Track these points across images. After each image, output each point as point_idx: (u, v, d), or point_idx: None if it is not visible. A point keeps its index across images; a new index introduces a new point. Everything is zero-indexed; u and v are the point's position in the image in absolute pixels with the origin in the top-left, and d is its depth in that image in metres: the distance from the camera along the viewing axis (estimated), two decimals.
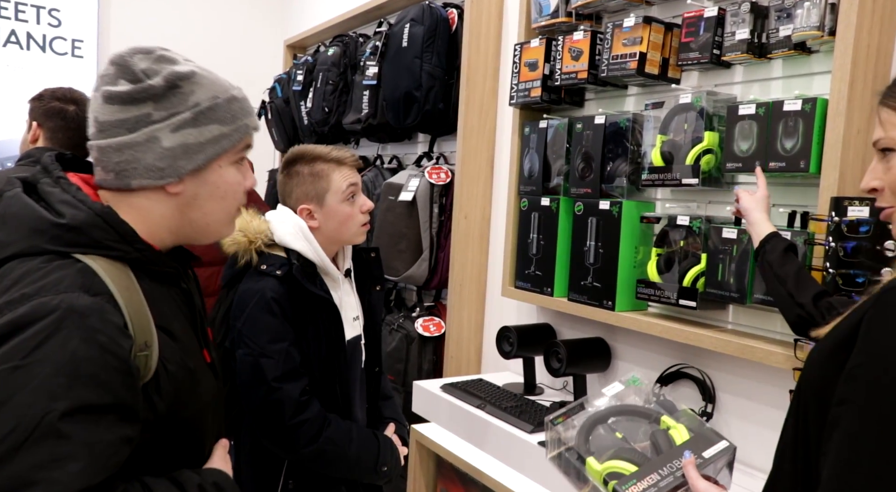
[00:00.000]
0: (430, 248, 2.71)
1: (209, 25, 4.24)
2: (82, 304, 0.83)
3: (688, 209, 1.86)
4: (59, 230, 0.89)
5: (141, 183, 0.96)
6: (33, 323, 0.80)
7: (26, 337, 0.79)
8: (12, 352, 0.79)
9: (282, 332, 1.51)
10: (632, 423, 1.16)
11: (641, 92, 2.04)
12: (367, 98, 2.99)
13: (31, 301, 0.82)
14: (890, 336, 0.76)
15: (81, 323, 0.82)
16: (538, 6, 2.21)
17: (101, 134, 0.96)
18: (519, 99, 2.27)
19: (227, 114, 1.00)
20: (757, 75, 1.73)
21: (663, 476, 1.02)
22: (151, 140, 0.95)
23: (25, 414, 0.76)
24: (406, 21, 2.75)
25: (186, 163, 0.97)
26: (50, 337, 0.80)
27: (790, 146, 1.53)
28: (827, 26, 1.47)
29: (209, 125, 0.98)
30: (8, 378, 0.77)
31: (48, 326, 0.80)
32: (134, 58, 0.96)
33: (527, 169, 2.28)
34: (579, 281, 2.03)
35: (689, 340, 1.72)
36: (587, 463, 1.09)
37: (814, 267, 1.45)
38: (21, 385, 0.77)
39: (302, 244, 1.57)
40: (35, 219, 0.90)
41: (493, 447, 1.95)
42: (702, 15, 1.73)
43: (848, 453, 0.77)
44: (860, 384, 0.77)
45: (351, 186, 1.63)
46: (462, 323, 2.66)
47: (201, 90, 0.97)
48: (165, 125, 0.95)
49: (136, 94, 0.94)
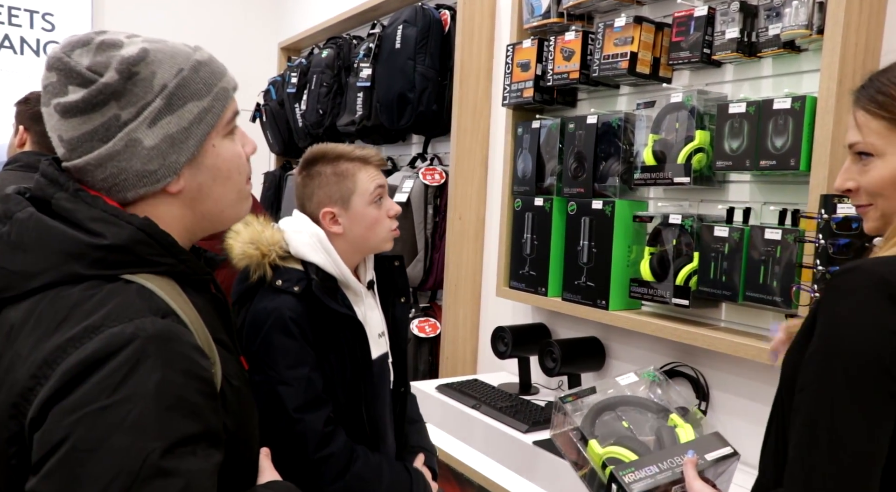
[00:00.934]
0: (424, 249, 2.71)
1: (203, 29, 4.24)
2: (158, 329, 0.75)
3: (680, 208, 1.87)
4: (101, 252, 0.79)
5: (137, 193, 0.86)
6: (111, 357, 0.72)
7: (107, 373, 0.71)
8: (96, 391, 0.70)
9: (302, 356, 1.36)
10: (640, 415, 1.16)
11: (633, 91, 2.05)
12: (360, 100, 2.99)
13: (99, 333, 0.73)
14: (835, 319, 0.80)
15: (162, 350, 0.74)
16: (530, 7, 2.22)
17: (73, 153, 0.84)
18: (511, 99, 2.27)
19: (199, 85, 0.87)
20: (747, 74, 1.74)
21: (662, 470, 1.03)
22: (131, 144, 0.83)
23: (125, 458, 0.69)
24: (399, 23, 2.76)
25: (178, 155, 0.86)
26: (133, 370, 0.72)
27: (780, 144, 1.54)
28: (815, 25, 1.48)
29: (186, 105, 0.86)
30: (97, 420, 0.69)
31: (129, 359, 0.72)
32: (73, 55, 0.83)
33: (520, 169, 2.28)
34: (573, 281, 2.04)
35: (683, 338, 1.72)
36: (589, 445, 1.09)
37: (804, 264, 1.46)
38: (114, 426, 0.69)
39: (321, 256, 1.41)
40: (68, 242, 0.79)
41: (489, 447, 1.95)
42: (692, 14, 1.74)
43: (808, 437, 0.80)
44: (814, 369, 0.81)
45: (378, 188, 1.49)
46: (457, 323, 2.66)
47: (162, 68, 0.85)
48: (140, 122, 0.83)
49: (93, 99, 0.82)
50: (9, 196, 0.85)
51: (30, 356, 0.74)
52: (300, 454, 1.34)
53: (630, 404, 1.18)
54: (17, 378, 0.74)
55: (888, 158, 0.90)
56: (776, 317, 1.63)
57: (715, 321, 1.79)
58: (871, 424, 0.77)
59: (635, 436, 1.11)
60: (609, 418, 1.15)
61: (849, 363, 0.78)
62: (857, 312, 0.78)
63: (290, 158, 3.95)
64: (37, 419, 0.71)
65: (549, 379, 2.22)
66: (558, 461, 1.70)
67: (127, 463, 0.69)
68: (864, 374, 0.77)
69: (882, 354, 0.76)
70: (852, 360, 0.78)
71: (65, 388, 0.71)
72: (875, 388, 0.77)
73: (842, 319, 0.79)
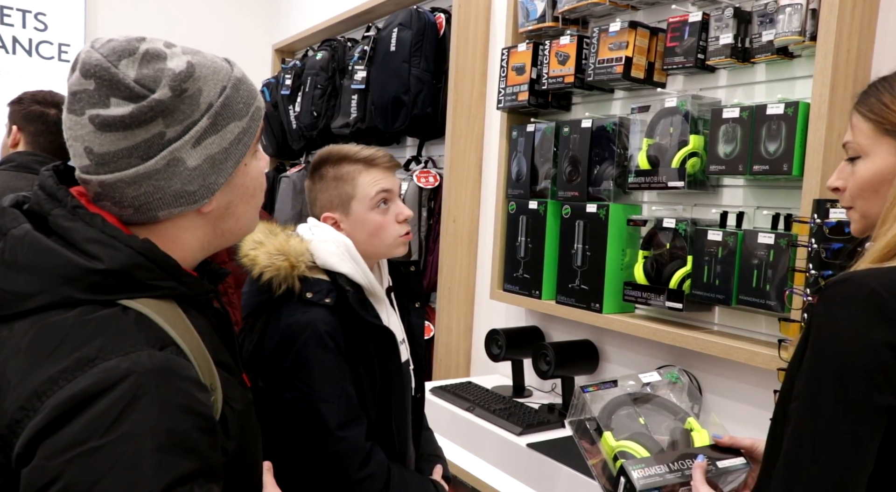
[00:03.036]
0: (419, 251, 2.72)
1: (197, 29, 4.23)
2: (155, 363, 0.71)
3: (674, 212, 1.88)
4: (96, 277, 0.75)
5: (171, 212, 0.82)
6: (104, 393, 0.68)
7: (100, 411, 0.67)
8: (88, 430, 0.66)
9: (339, 371, 1.31)
10: (658, 414, 1.17)
11: (627, 96, 2.06)
12: (355, 102, 2.99)
13: (93, 366, 0.69)
14: (825, 331, 0.80)
15: (159, 386, 0.70)
16: (525, 11, 2.23)
17: (103, 168, 0.79)
18: (506, 103, 2.28)
19: (240, 105, 0.85)
20: (741, 79, 1.75)
21: (671, 470, 1.04)
22: (174, 163, 0.80)
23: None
24: (394, 26, 2.76)
25: (217, 177, 0.83)
26: (128, 408, 0.68)
27: (773, 149, 1.56)
28: (808, 31, 1.50)
29: (228, 125, 0.83)
30: (90, 461, 0.65)
31: (124, 396, 0.68)
32: (120, 65, 0.78)
33: (514, 172, 2.29)
34: (567, 284, 2.04)
35: (676, 341, 1.73)
36: (603, 436, 1.10)
37: (797, 268, 1.47)
38: (107, 468, 0.65)
39: (349, 266, 1.35)
40: (63, 265, 0.75)
41: (483, 450, 1.95)
42: (686, 20, 1.76)
43: (793, 447, 0.81)
44: (804, 379, 0.81)
45: (382, 192, 1.41)
46: (451, 326, 2.66)
47: (208, 86, 0.82)
48: (185, 141, 0.80)
49: (142, 115, 0.77)
50: (4, 210, 0.80)
51: (20, 385, 0.70)
52: (343, 475, 1.29)
53: (649, 402, 1.19)
54: (6, 408, 0.70)
55: (871, 159, 0.92)
56: (769, 320, 1.64)
57: (708, 325, 1.80)
58: (856, 437, 0.77)
59: (650, 434, 1.12)
60: (626, 412, 1.16)
61: (835, 376, 0.78)
62: (846, 324, 0.78)
63: (284, 159, 3.95)
64: (24, 455, 0.67)
65: (543, 382, 2.23)
66: (552, 464, 1.71)
67: None
68: (850, 387, 0.77)
69: (869, 367, 0.76)
70: (839, 372, 0.78)
71: (54, 423, 0.67)
72: (861, 401, 0.77)
73: (831, 331, 0.80)
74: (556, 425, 1.93)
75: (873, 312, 0.77)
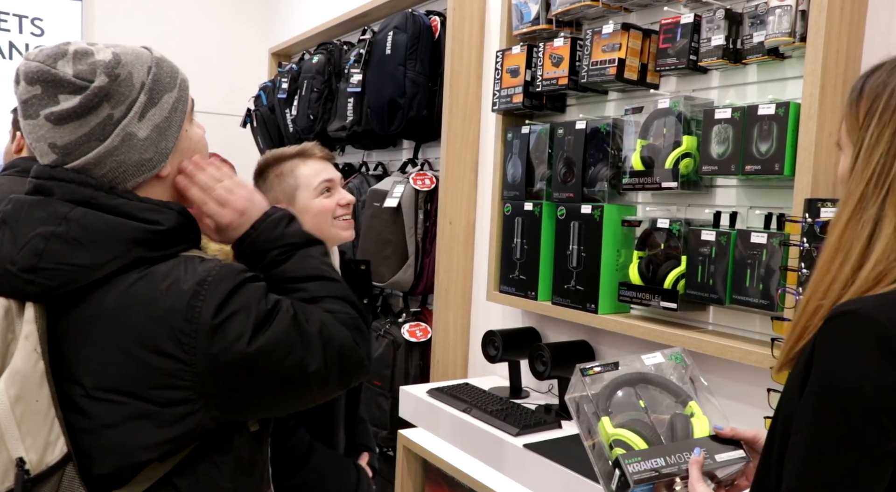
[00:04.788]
0: (415, 253, 2.72)
1: (193, 34, 4.24)
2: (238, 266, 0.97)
3: (668, 212, 1.89)
4: (160, 236, 0.93)
5: (136, 181, 0.96)
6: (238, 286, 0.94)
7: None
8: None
9: None
10: (659, 395, 1.15)
11: (621, 97, 2.08)
12: (351, 105, 3.00)
13: (214, 273, 0.93)
14: (829, 368, 0.76)
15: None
16: (519, 14, 2.24)
17: (69, 157, 0.93)
18: (501, 105, 2.29)
19: (167, 79, 0.98)
20: (732, 80, 1.76)
21: (668, 464, 1.02)
22: (127, 138, 0.93)
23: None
24: (389, 29, 2.77)
25: (167, 142, 0.97)
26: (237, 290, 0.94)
27: (765, 149, 1.57)
28: (798, 32, 1.51)
29: (163, 97, 0.97)
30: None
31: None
32: (58, 66, 0.91)
33: (510, 174, 2.30)
34: (563, 285, 2.05)
35: (671, 341, 1.74)
36: (601, 422, 1.09)
37: (789, 267, 1.48)
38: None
39: None
40: (131, 231, 0.91)
41: (480, 451, 1.96)
42: (678, 21, 1.77)
43: (796, 482, 0.77)
44: (808, 414, 0.77)
45: (325, 182, 1.52)
46: (448, 328, 2.67)
47: (136, 68, 0.95)
48: (131, 117, 0.93)
49: (89, 103, 0.91)
50: (55, 204, 0.92)
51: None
52: None
53: (651, 382, 1.16)
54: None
55: (845, 152, 0.90)
56: (762, 319, 1.65)
57: (702, 324, 1.81)
58: (861, 483, 0.74)
59: (650, 416, 1.10)
60: (626, 393, 1.14)
61: (841, 418, 0.74)
62: (851, 362, 0.74)
63: None
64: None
65: (540, 382, 2.24)
66: (549, 464, 1.71)
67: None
68: (856, 431, 0.73)
69: (877, 411, 0.72)
70: (845, 415, 0.74)
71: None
72: (868, 446, 0.73)
73: (835, 369, 0.75)
74: (552, 425, 1.93)
75: (880, 351, 0.72)
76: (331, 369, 0.95)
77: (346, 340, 0.98)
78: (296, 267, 1.02)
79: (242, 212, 1.03)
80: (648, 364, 1.19)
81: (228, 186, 1.04)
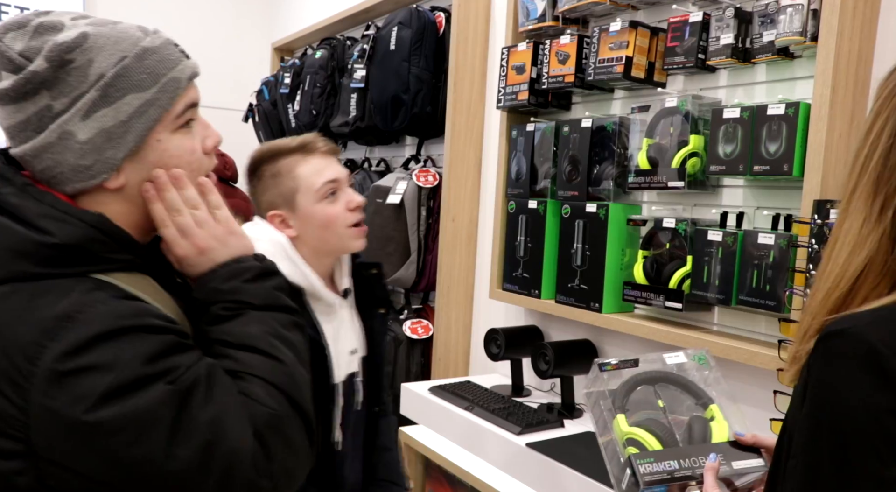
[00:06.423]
0: (417, 250, 2.71)
1: (196, 28, 4.22)
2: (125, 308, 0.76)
3: (674, 212, 1.88)
4: (49, 251, 0.75)
5: (75, 187, 0.81)
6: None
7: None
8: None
9: None
10: (680, 395, 1.11)
11: (628, 96, 2.06)
12: (354, 101, 2.99)
13: (73, 322, 0.72)
14: (822, 392, 0.73)
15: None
16: (525, 10, 2.23)
17: (13, 142, 0.81)
18: (506, 102, 2.28)
19: (143, 75, 0.81)
20: (741, 80, 1.75)
21: (682, 467, 0.99)
22: (64, 136, 0.79)
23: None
24: (394, 24, 2.76)
25: (115, 151, 0.80)
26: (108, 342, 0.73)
27: (774, 150, 1.56)
28: (809, 32, 1.50)
29: (125, 97, 0.80)
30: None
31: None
32: (6, 39, 0.78)
33: (514, 172, 2.29)
34: (566, 283, 2.04)
35: (675, 341, 1.73)
36: (616, 420, 1.05)
37: (797, 269, 1.47)
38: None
39: (285, 266, 1.21)
40: (15, 240, 0.75)
41: (481, 449, 1.95)
42: (687, 20, 1.75)
43: None
44: (802, 442, 0.75)
45: (328, 184, 1.31)
46: (450, 325, 2.66)
47: (101, 56, 0.79)
48: (72, 114, 0.78)
49: (21, 87, 0.77)
50: None
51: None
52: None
53: (672, 381, 1.12)
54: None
55: None
56: (769, 321, 1.64)
57: (708, 325, 1.80)
58: None
59: (668, 417, 1.06)
60: (645, 391, 1.09)
61: (835, 445, 0.71)
62: (843, 386, 0.71)
63: None
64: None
65: (542, 381, 2.23)
66: (551, 463, 1.71)
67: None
68: (852, 459, 0.70)
69: (873, 439, 0.69)
70: (840, 442, 0.71)
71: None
72: (865, 475, 0.70)
73: (828, 394, 0.72)
74: (555, 424, 1.93)
75: (873, 375, 0.69)
76: (204, 474, 0.73)
77: (243, 445, 0.75)
78: (235, 330, 0.83)
79: (202, 251, 0.87)
80: (670, 363, 1.14)
81: (201, 216, 0.87)
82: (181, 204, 0.85)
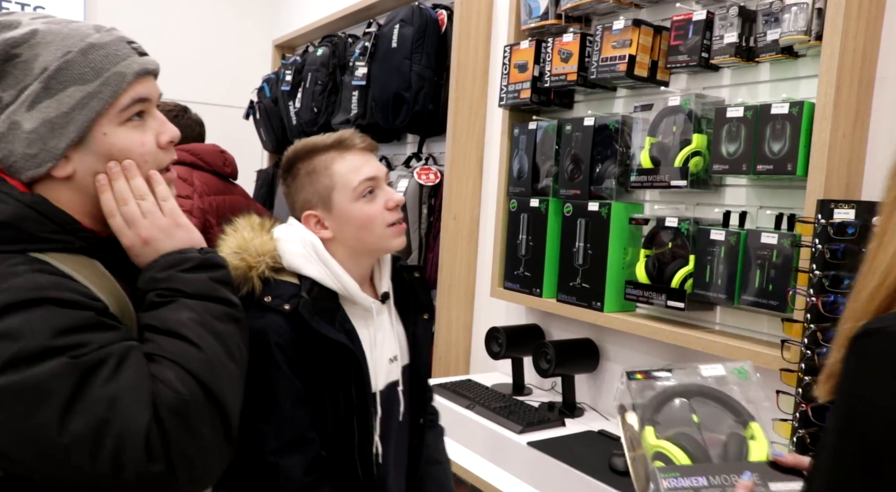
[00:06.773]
0: (419, 248, 2.71)
1: (197, 26, 4.22)
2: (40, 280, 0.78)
3: (676, 211, 1.87)
4: None
5: (27, 175, 0.85)
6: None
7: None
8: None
9: (286, 388, 1.14)
10: (716, 412, 1.03)
11: (630, 94, 2.06)
12: (356, 98, 2.98)
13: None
14: (851, 397, 0.68)
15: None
16: (528, 8, 2.22)
17: None
18: (508, 100, 2.27)
19: (85, 69, 0.85)
20: (745, 79, 1.75)
21: (711, 484, 0.91)
22: (13, 127, 0.83)
23: None
24: (395, 22, 2.75)
25: (58, 141, 0.84)
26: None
27: (777, 149, 1.55)
28: (814, 31, 1.49)
29: (66, 89, 0.84)
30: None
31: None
32: None
33: (516, 170, 2.28)
34: (568, 282, 2.04)
35: (677, 341, 1.73)
36: (644, 432, 0.98)
37: (800, 269, 1.47)
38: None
39: (316, 268, 1.19)
40: None
41: (482, 448, 1.95)
42: (690, 18, 1.75)
43: None
44: (829, 451, 0.70)
45: (366, 181, 1.24)
46: (451, 324, 2.66)
47: (47, 51, 0.83)
48: (18, 105, 0.83)
49: None
50: None
51: None
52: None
53: (710, 397, 1.04)
54: None
55: None
56: (771, 321, 1.64)
57: (710, 324, 1.80)
58: None
59: (701, 434, 0.99)
60: (679, 405, 1.02)
61: (865, 459, 0.66)
62: (876, 393, 0.66)
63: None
64: None
65: (543, 380, 2.22)
66: (552, 462, 1.71)
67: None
68: (884, 477, 0.65)
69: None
70: (870, 455, 0.66)
71: None
72: (893, 481, 0.65)
73: (858, 399, 0.68)
74: (556, 423, 1.92)
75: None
76: (95, 451, 0.73)
77: (137, 426, 0.74)
78: (162, 316, 0.84)
79: (146, 241, 0.89)
80: (707, 376, 1.06)
81: (147, 207, 0.89)
82: (129, 194, 0.89)
